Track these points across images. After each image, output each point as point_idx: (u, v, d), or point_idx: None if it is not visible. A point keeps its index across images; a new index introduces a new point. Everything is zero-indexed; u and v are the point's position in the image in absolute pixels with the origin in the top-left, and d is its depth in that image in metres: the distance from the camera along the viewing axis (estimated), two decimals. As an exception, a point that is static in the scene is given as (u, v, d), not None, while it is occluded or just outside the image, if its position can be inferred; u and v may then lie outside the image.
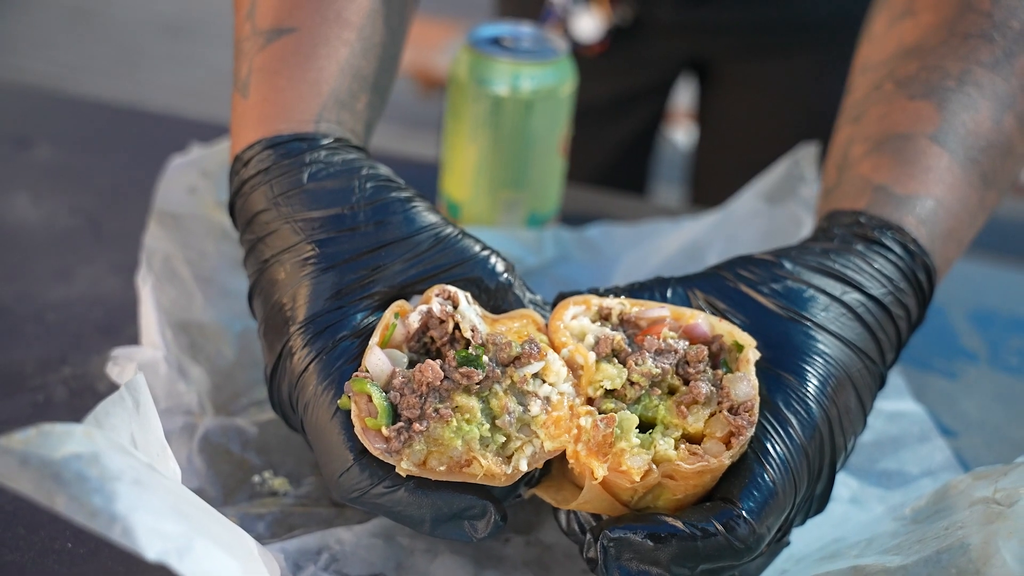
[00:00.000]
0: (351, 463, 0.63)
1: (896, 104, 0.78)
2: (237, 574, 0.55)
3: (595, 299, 0.69)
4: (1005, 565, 0.60)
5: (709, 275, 0.72)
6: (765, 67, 1.40)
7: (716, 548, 0.60)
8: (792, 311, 0.69)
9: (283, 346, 0.67)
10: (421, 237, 0.69)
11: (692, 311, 0.68)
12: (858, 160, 0.78)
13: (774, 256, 0.72)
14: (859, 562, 0.67)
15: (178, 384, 0.79)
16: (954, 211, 0.76)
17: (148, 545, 0.51)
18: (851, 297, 0.70)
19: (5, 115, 1.24)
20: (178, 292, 0.85)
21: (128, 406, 0.61)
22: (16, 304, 0.92)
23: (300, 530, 0.73)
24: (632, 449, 0.61)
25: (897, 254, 0.72)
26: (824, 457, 0.66)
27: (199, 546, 0.54)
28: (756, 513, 0.61)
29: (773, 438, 0.64)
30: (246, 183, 0.72)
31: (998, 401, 0.93)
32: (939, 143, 0.76)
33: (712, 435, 0.63)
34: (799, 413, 0.65)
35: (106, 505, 0.50)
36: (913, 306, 0.72)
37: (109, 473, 0.52)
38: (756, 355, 0.66)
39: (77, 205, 1.07)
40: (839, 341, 0.68)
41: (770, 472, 0.62)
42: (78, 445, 0.52)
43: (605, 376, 0.65)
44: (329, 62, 0.75)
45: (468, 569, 0.71)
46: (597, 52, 1.37)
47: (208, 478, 0.75)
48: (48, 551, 0.70)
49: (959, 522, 0.66)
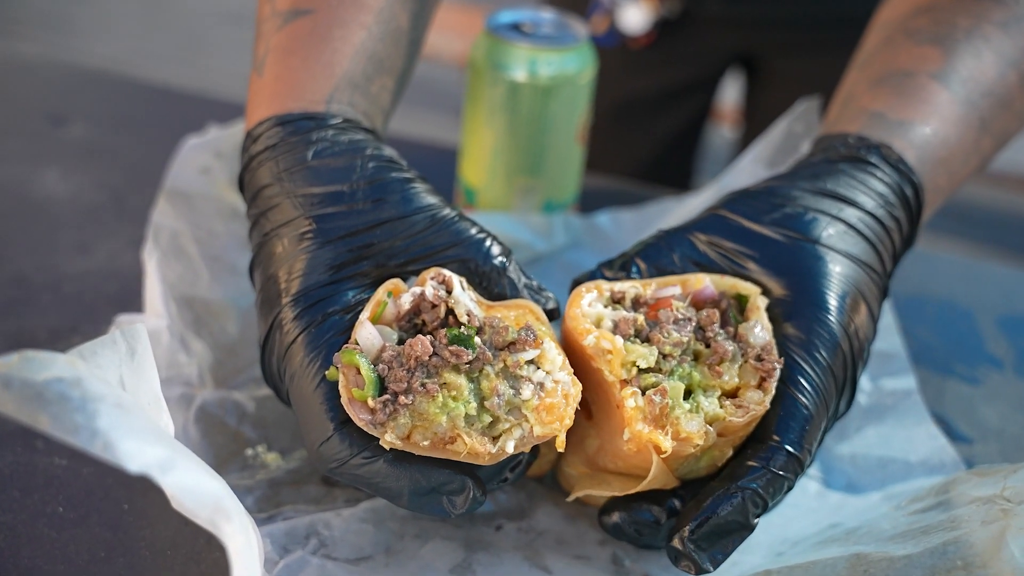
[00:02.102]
0: (331, 432, 0.63)
1: (903, 49, 0.81)
2: (220, 492, 0.55)
3: (606, 284, 0.69)
4: (1013, 559, 0.59)
5: (708, 217, 0.73)
6: (813, 63, 1.37)
7: (773, 486, 0.64)
8: (797, 236, 0.70)
9: (274, 318, 0.68)
10: (417, 217, 0.69)
11: (697, 276, 0.69)
12: (859, 96, 0.80)
13: (768, 185, 0.74)
14: (861, 549, 0.66)
15: (179, 355, 0.80)
16: (948, 143, 0.77)
17: (130, 458, 0.51)
18: (849, 214, 0.71)
19: (43, 93, 1.27)
20: (184, 268, 0.86)
21: (120, 350, 0.61)
22: (35, 274, 0.94)
23: (288, 507, 0.73)
24: (686, 415, 0.63)
25: (883, 170, 0.74)
26: (847, 371, 0.68)
27: (182, 464, 0.54)
28: (797, 443, 0.65)
29: (801, 366, 0.66)
30: (254, 158, 0.73)
31: (1020, 410, 0.90)
32: (940, 81, 0.78)
33: (747, 385, 0.66)
34: (822, 336, 0.67)
35: (88, 422, 0.51)
36: (904, 219, 0.74)
37: (91, 395, 0.52)
38: (764, 301, 0.68)
39: (104, 181, 1.09)
40: (846, 258, 0.70)
41: (803, 400, 0.65)
42: (61, 370, 0.53)
43: (638, 355, 0.65)
44: (344, 44, 0.76)
45: (458, 554, 0.71)
46: (643, 45, 1.35)
47: (201, 448, 0.76)
48: (40, 514, 0.71)
49: (964, 516, 0.66)
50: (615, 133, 1.50)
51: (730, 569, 0.70)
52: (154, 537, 0.70)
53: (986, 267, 1.13)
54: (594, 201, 1.08)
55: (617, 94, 1.44)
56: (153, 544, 0.70)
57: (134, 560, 0.68)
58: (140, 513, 0.72)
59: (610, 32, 1.36)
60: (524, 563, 0.71)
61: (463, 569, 0.70)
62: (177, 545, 0.70)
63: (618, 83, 1.44)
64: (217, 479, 0.58)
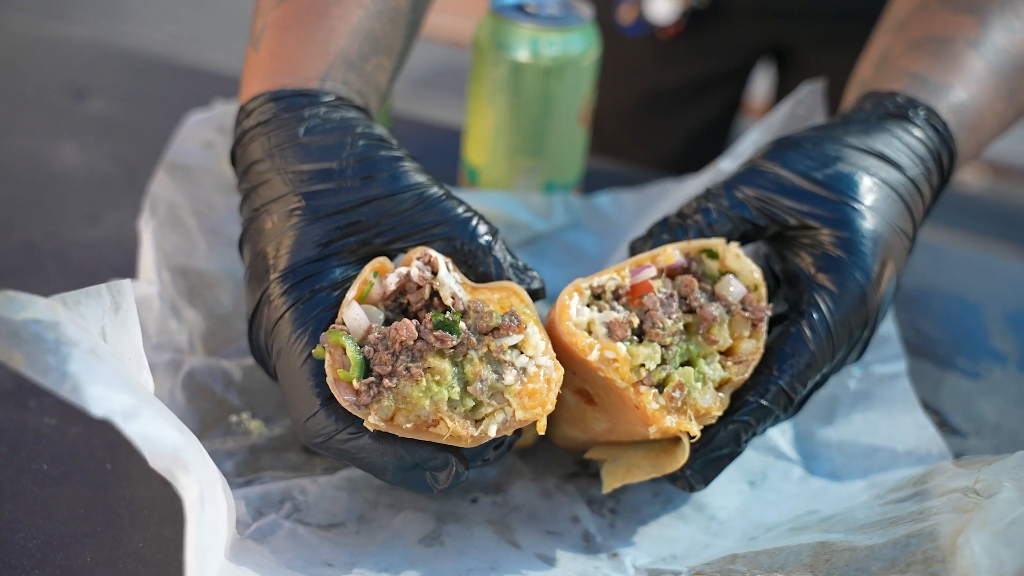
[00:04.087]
0: (318, 408, 0.64)
1: (939, 16, 0.83)
2: (180, 444, 0.55)
3: (584, 282, 0.68)
4: (973, 556, 0.58)
5: (754, 171, 0.75)
6: (844, 55, 1.34)
7: (763, 417, 0.69)
8: (845, 196, 0.72)
9: (262, 293, 0.69)
10: (405, 195, 0.70)
11: (664, 248, 0.70)
12: (898, 57, 0.82)
13: (817, 137, 0.76)
14: (827, 537, 0.66)
15: (170, 322, 0.82)
16: (981, 110, 0.80)
17: (95, 403, 0.52)
18: (893, 178, 0.74)
19: (66, 68, 1.29)
20: (181, 239, 0.87)
21: (104, 303, 0.62)
22: (44, 241, 0.97)
23: (267, 473, 0.74)
24: (700, 391, 0.67)
25: (928, 135, 0.77)
26: (863, 331, 0.72)
27: (146, 414, 0.54)
28: (791, 381, 0.69)
29: (822, 312, 0.70)
30: (247, 133, 0.73)
31: (1020, 406, 0.88)
32: (976, 49, 0.80)
33: (741, 337, 0.69)
34: (850, 291, 0.70)
35: (59, 364, 0.52)
36: (936, 185, 0.78)
37: (66, 339, 0.54)
38: (735, 248, 0.70)
39: (119, 155, 1.11)
40: (886, 222, 0.72)
41: (811, 345, 0.69)
42: (39, 313, 0.54)
43: (644, 357, 0.66)
44: (341, 23, 0.77)
45: (429, 524, 0.72)
46: (672, 35, 1.34)
47: (187, 412, 0.77)
48: (25, 470, 0.73)
49: (934, 508, 0.64)
50: (644, 123, 1.49)
51: (702, 552, 0.70)
52: (133, 497, 0.72)
53: (999, 262, 1.11)
54: (599, 184, 1.08)
55: (646, 84, 1.44)
56: (132, 504, 0.71)
57: (111, 518, 0.70)
58: (122, 474, 0.73)
59: (638, 22, 1.35)
60: (493, 536, 0.71)
61: (432, 540, 0.70)
62: (155, 505, 0.71)
63: (647, 73, 1.44)
64: (182, 433, 0.59)
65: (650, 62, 1.42)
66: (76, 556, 0.67)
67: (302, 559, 0.67)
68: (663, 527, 0.73)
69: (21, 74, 1.28)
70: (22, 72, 1.29)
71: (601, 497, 0.75)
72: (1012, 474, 0.61)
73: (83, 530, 0.69)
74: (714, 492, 0.76)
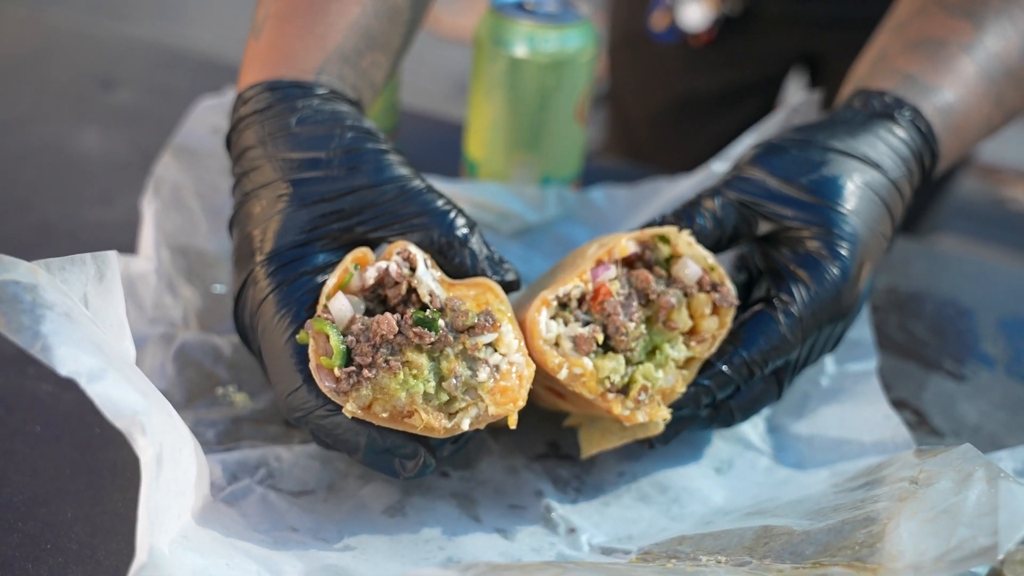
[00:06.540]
0: (300, 384, 0.67)
1: (936, 19, 0.85)
2: (140, 406, 0.57)
3: (550, 294, 0.70)
4: (901, 542, 0.58)
5: (740, 176, 0.78)
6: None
7: (721, 383, 0.72)
8: (829, 201, 0.74)
9: (248, 274, 0.72)
10: (387, 187, 0.72)
11: (615, 237, 0.72)
12: (893, 56, 0.85)
13: (802, 141, 0.78)
14: (772, 522, 0.67)
15: (165, 297, 0.85)
16: (967, 113, 0.83)
17: (62, 363, 0.55)
18: (876, 181, 0.76)
19: (97, 60, 1.35)
20: (183, 219, 0.91)
21: (89, 271, 0.64)
22: (59, 221, 1.01)
23: (247, 442, 0.77)
24: (664, 376, 0.70)
25: (912, 136, 0.79)
26: (839, 322, 0.75)
27: (111, 376, 0.57)
28: (752, 354, 0.72)
29: (795, 297, 0.73)
30: (242, 120, 0.77)
31: (1002, 409, 0.88)
32: (969, 54, 0.83)
33: (703, 315, 0.71)
34: (826, 287, 0.73)
35: (32, 324, 0.55)
36: (917, 186, 0.81)
37: (42, 301, 0.57)
38: (686, 235, 0.72)
39: (138, 142, 1.16)
40: (866, 225, 0.75)
41: (781, 324, 0.72)
42: (20, 275, 0.57)
43: (609, 371, 0.69)
44: (339, 18, 0.80)
45: (395, 496, 0.74)
46: (704, 42, 1.36)
47: (175, 383, 0.80)
48: (18, 432, 0.77)
49: (877, 496, 0.65)
50: (675, 130, 1.50)
51: (658, 534, 0.72)
52: (118, 460, 0.75)
53: (996, 268, 1.10)
54: (600, 181, 1.09)
55: (678, 91, 1.45)
56: (115, 467, 0.75)
57: (94, 479, 0.73)
58: (109, 439, 0.77)
59: (671, 29, 1.36)
60: (456, 509, 0.73)
61: (395, 511, 0.73)
62: (138, 469, 0.74)
63: (679, 80, 1.45)
64: (147, 396, 0.61)
65: (682, 69, 1.43)
66: (58, 512, 0.70)
67: (268, 523, 0.69)
68: (625, 508, 0.74)
69: (54, 64, 1.34)
70: (55, 62, 1.34)
71: (567, 476, 0.77)
72: (954, 465, 0.62)
73: (67, 488, 0.72)
74: (679, 476, 0.78)
